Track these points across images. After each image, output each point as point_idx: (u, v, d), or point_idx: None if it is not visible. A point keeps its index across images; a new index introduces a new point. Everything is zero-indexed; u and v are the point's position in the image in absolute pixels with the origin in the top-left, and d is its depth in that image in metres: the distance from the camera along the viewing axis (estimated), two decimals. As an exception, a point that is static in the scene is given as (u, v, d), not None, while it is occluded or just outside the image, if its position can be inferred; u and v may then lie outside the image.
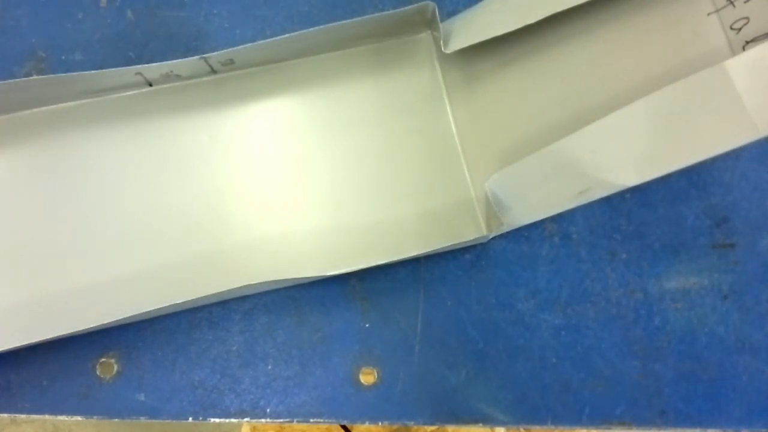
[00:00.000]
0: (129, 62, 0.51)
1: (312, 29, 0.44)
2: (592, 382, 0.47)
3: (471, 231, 0.48)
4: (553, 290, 0.48)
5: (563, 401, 0.47)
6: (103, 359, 0.48)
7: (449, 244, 0.44)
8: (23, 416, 0.49)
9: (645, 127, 0.38)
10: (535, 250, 0.48)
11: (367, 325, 0.48)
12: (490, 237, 0.47)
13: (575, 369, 0.47)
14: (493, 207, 0.42)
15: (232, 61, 0.47)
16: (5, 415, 0.48)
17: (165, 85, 0.49)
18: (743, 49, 0.40)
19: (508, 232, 0.49)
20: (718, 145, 0.38)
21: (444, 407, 0.47)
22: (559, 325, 0.48)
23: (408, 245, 0.47)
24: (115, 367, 0.47)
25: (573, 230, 0.49)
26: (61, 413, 0.49)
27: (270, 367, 0.48)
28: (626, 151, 0.39)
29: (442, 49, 0.45)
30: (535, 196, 0.43)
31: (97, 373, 0.47)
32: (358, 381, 0.48)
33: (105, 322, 0.42)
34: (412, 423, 0.48)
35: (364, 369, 0.48)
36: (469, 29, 0.45)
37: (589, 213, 0.49)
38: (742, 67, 0.37)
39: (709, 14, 0.40)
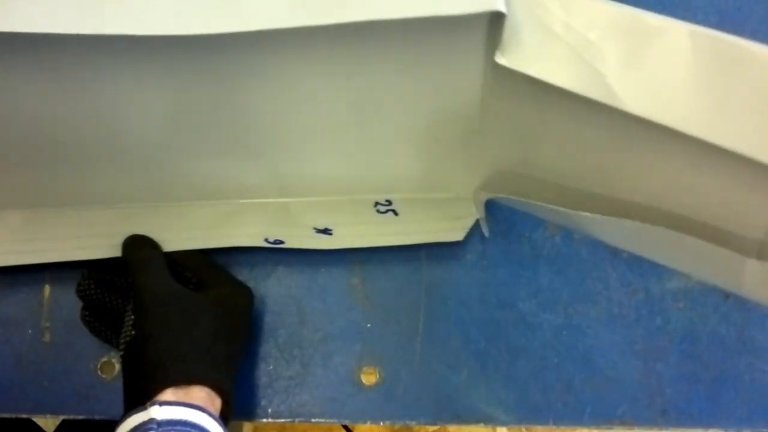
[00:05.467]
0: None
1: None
2: (594, 382, 0.47)
3: None
4: (555, 290, 0.48)
5: (565, 401, 0.47)
6: (105, 359, 0.48)
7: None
8: (24, 416, 0.49)
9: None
10: (537, 249, 0.48)
11: (368, 325, 0.48)
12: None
13: (577, 369, 0.47)
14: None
15: None
16: (8, 415, 0.48)
17: None
18: None
19: (509, 232, 0.49)
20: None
21: (446, 407, 0.47)
22: (560, 324, 0.48)
23: None
24: (117, 367, 0.47)
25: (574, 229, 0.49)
26: (63, 413, 0.49)
27: (271, 367, 0.48)
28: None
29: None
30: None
31: (99, 372, 0.47)
32: (360, 381, 0.48)
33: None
34: (414, 423, 0.48)
35: (365, 369, 0.48)
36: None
37: (590, 213, 0.49)
38: (761, 272, 0.37)
39: None
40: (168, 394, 0.38)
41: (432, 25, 0.39)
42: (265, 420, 0.47)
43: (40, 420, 0.70)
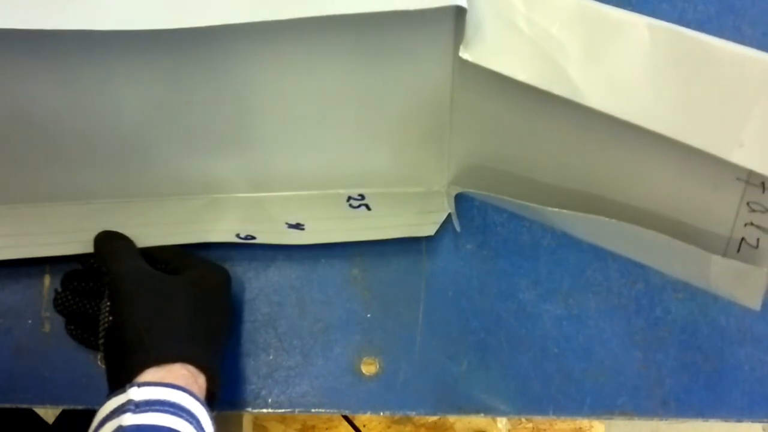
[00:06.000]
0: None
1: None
2: (594, 372, 0.47)
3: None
4: (555, 280, 0.48)
5: (565, 391, 0.47)
6: (105, 349, 0.48)
7: None
8: (24, 406, 0.49)
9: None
10: (537, 239, 0.48)
11: (368, 315, 0.48)
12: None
13: (577, 359, 0.47)
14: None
15: None
16: (8, 405, 0.48)
17: None
18: (744, 226, 0.38)
19: (508, 222, 0.48)
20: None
21: (445, 397, 0.47)
22: (560, 315, 0.48)
23: None
24: (117, 357, 0.47)
25: (574, 220, 0.49)
26: (63, 404, 0.49)
27: (271, 357, 0.48)
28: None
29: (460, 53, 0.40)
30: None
31: (99, 363, 0.47)
32: (360, 371, 0.48)
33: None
34: (414, 413, 0.48)
35: (365, 359, 0.48)
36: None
37: (590, 203, 0.49)
38: (725, 268, 0.38)
39: (737, 179, 0.37)
40: (148, 375, 0.38)
41: (399, 21, 0.39)
42: (265, 410, 0.47)
43: (40, 410, 0.70)
